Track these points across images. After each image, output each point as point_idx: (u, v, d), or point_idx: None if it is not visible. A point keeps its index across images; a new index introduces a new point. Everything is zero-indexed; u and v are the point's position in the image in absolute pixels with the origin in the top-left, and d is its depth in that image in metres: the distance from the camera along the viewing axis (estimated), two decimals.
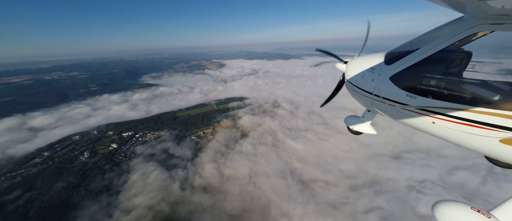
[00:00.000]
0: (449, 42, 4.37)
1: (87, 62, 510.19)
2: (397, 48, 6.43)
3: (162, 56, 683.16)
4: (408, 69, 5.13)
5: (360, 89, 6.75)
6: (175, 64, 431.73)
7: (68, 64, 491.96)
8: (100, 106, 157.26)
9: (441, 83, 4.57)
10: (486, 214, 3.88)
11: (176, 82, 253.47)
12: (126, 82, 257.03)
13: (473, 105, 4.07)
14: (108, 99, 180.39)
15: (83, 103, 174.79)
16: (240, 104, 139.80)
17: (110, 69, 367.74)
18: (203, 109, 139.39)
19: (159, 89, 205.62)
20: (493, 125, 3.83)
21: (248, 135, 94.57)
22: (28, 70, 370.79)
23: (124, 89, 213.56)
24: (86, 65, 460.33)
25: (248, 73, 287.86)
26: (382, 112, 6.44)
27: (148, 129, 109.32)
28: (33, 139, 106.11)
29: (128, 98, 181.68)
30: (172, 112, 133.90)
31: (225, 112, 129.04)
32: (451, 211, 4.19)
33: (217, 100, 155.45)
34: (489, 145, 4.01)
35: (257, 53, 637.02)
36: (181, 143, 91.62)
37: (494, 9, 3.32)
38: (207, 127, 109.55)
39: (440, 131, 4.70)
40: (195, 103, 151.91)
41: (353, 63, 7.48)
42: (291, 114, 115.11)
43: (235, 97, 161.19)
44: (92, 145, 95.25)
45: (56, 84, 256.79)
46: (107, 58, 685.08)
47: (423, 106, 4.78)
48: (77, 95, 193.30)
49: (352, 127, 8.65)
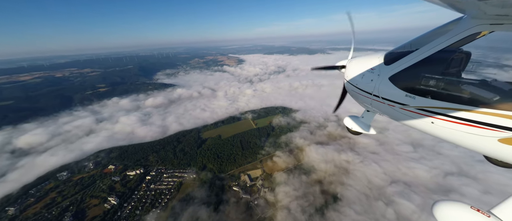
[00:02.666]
0: (448, 43, 4.21)
1: (101, 57, 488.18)
2: (396, 49, 6.20)
3: (176, 50, 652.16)
4: (407, 70, 4.99)
5: (359, 90, 6.56)
6: (190, 59, 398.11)
7: (83, 59, 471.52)
8: (105, 116, 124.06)
9: (440, 83, 4.47)
10: (486, 213, 3.78)
11: (194, 81, 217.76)
12: (138, 81, 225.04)
13: (472, 105, 3.96)
14: (116, 105, 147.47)
15: (88, 109, 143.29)
16: (289, 120, 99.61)
17: (124, 65, 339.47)
18: (236, 127, 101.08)
19: (176, 92, 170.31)
20: (492, 125, 3.72)
21: (336, 196, 53.01)
22: (41, 66, 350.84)
23: (136, 90, 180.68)
24: (100, 60, 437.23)
25: (273, 71, 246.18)
26: (381, 112, 6.26)
27: (165, 164, 73.20)
28: (7, 175, 73.71)
29: (139, 103, 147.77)
30: (195, 131, 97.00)
31: (270, 132, 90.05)
32: (450, 210, 4.06)
33: (252, 111, 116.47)
34: (488, 145, 3.90)
35: (274, 47, 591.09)
36: (220, 204, 54.00)
37: (494, 9, 3.28)
38: (253, 164, 71.22)
39: (439, 131, 4.57)
40: (223, 115, 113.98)
41: (352, 64, 7.26)
42: (382, 145, 72.31)
43: (274, 106, 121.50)
44: (81, 196, 60.48)
45: (65, 83, 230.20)
46: (123, 53, 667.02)
47: (422, 106, 4.66)
48: (83, 98, 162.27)
49: (352, 127, 8.30)
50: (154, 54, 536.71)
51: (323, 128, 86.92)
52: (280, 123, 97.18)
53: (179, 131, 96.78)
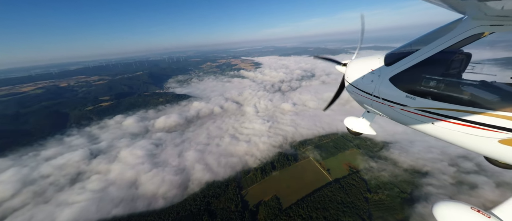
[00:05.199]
0: (448, 44, 4.13)
1: (111, 64, 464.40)
2: (397, 49, 6.03)
3: (186, 54, 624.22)
4: (408, 70, 4.87)
5: (359, 91, 6.38)
6: (201, 63, 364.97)
7: (93, 66, 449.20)
8: (103, 147, 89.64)
9: (440, 84, 4.41)
10: (486, 214, 3.69)
11: (211, 90, 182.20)
12: (148, 91, 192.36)
13: (473, 106, 3.88)
14: (119, 126, 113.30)
15: (84, 132, 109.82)
16: (383, 165, 60.10)
17: (133, 71, 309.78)
18: (297, 175, 63.41)
19: (193, 106, 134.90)
20: (492, 126, 3.64)
21: None
22: (49, 75, 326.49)
23: (144, 104, 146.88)
24: (110, 67, 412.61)
25: (301, 76, 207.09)
26: (381, 113, 6.14)
27: None
28: None
29: (148, 124, 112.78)
30: (232, 183, 60.08)
31: (365, 193, 51.57)
32: (451, 211, 3.97)
33: (308, 142, 78.16)
34: (488, 145, 3.82)
35: (287, 49, 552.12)
36: None
37: (494, 10, 3.22)
38: None
39: (439, 132, 4.47)
40: (267, 150, 76.23)
41: (353, 64, 7.06)
42: None
43: (336, 133, 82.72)
44: None
45: (67, 94, 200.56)
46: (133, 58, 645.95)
47: (422, 107, 4.56)
48: (81, 116, 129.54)
49: (352, 128, 8.09)
50: (164, 58, 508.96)
51: (470, 188, 46.89)
52: (371, 169, 58.39)
53: (207, 184, 60.11)
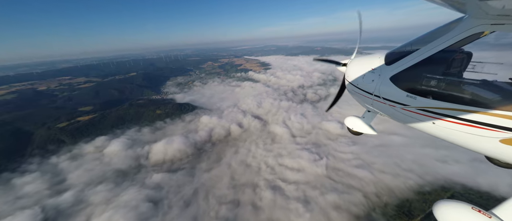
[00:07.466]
0: (449, 43, 4.06)
1: (103, 62, 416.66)
2: (397, 49, 5.92)
3: (184, 52, 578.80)
4: (408, 70, 4.81)
5: (360, 90, 6.34)
6: (202, 63, 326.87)
7: (83, 64, 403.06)
8: (64, 206, 54.07)
9: (441, 83, 4.34)
10: (487, 214, 3.62)
11: (219, 97, 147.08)
12: (142, 97, 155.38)
13: (473, 105, 3.81)
14: (99, 159, 77.38)
15: (48, 166, 73.79)
16: None
17: (127, 71, 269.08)
18: None
19: (202, 123, 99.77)
20: (493, 125, 3.57)
21: None
22: (29, 75, 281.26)
23: (136, 118, 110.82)
24: (101, 65, 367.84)
25: (322, 79, 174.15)
26: (382, 113, 6.09)
27: None
28: None
29: (140, 152, 77.56)
30: None
31: None
32: (451, 211, 3.90)
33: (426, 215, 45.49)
34: (489, 145, 3.75)
35: (289, 48, 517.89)
36: None
37: (495, 9, 3.18)
38: None
39: (440, 131, 4.41)
40: None
41: (353, 64, 7.07)
42: None
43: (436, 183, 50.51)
44: None
45: (43, 101, 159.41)
46: (127, 56, 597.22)
47: (423, 106, 4.49)
48: (49, 138, 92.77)
49: (352, 128, 8.03)
50: (161, 56, 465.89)
51: None
52: None
53: None
